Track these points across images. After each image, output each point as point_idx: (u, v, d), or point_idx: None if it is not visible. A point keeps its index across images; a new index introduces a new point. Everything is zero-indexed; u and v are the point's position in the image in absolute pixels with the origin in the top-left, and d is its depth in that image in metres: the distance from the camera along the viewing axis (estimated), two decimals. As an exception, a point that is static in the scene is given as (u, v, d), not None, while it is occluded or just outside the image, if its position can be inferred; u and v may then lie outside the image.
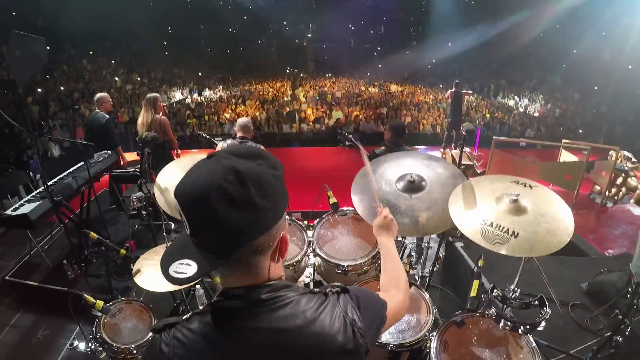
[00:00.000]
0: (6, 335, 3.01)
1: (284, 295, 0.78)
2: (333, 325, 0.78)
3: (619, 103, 13.58)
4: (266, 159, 0.75)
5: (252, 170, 0.70)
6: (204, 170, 0.71)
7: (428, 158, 2.24)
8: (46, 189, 2.77)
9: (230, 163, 0.70)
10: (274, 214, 0.74)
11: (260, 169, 0.72)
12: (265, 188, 0.71)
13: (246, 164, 0.71)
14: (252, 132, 3.67)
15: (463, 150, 2.91)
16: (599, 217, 5.19)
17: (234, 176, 0.68)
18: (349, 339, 0.78)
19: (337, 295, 0.85)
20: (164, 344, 0.77)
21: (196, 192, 0.68)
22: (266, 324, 0.75)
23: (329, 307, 0.81)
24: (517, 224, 1.68)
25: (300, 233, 2.56)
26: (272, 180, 0.73)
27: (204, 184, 0.68)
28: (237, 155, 0.72)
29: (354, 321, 0.81)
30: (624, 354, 2.19)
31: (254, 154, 0.75)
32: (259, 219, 0.71)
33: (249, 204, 0.69)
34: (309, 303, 0.80)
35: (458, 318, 1.88)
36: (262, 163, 0.73)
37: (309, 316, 0.77)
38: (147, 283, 2.15)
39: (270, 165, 0.75)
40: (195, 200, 0.68)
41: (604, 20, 14.40)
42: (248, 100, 13.91)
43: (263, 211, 0.71)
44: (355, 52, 22.53)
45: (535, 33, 17.12)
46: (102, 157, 3.88)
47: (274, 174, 0.74)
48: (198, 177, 0.70)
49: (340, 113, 12.52)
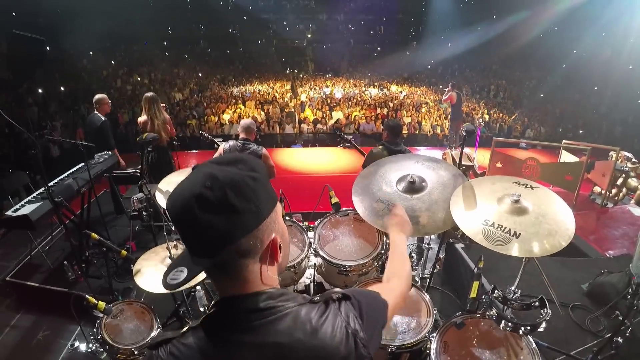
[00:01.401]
0: (7, 336, 3.02)
1: (282, 306, 0.77)
2: (335, 336, 0.77)
3: (619, 103, 13.59)
4: (245, 162, 0.77)
5: (229, 175, 0.72)
6: (187, 181, 0.74)
7: (428, 160, 2.25)
8: (47, 190, 2.77)
9: (208, 170, 0.72)
10: (255, 216, 0.74)
11: (239, 173, 0.73)
12: (243, 191, 0.72)
13: (224, 169, 0.73)
14: (255, 134, 3.65)
15: (463, 150, 2.92)
16: (600, 217, 5.19)
17: (211, 182, 0.70)
18: (351, 350, 0.77)
19: (339, 303, 0.83)
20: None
21: (180, 202, 0.72)
22: (264, 338, 0.74)
23: (330, 317, 0.79)
24: (518, 225, 1.68)
25: (301, 235, 2.56)
26: (251, 183, 0.73)
27: (186, 194, 0.71)
28: (217, 163, 0.75)
29: (356, 332, 0.79)
30: (625, 355, 2.19)
31: (234, 159, 0.77)
32: (239, 221, 0.72)
33: (228, 208, 0.70)
34: (309, 314, 0.78)
35: (458, 319, 1.89)
36: (241, 167, 0.75)
37: (309, 329, 0.75)
38: (148, 284, 2.15)
39: (249, 168, 0.76)
40: (180, 210, 0.71)
41: (603, 21, 14.40)
42: (248, 100, 13.91)
43: (243, 213, 0.72)
44: (355, 52, 22.54)
45: (535, 33, 17.14)
46: (103, 158, 3.88)
47: (253, 176, 0.74)
48: (182, 188, 0.73)
49: (340, 114, 12.52)
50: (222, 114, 12.41)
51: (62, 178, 3.39)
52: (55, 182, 3.29)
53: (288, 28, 23.25)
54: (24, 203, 2.98)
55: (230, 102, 13.54)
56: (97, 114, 4.41)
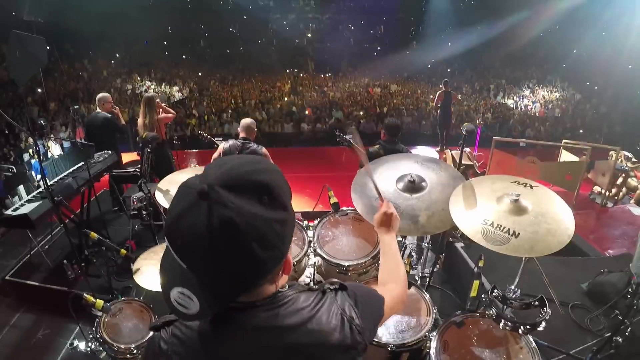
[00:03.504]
0: (6, 334, 3.02)
1: (282, 294, 0.78)
2: (330, 322, 0.78)
3: (619, 103, 13.57)
4: (270, 192, 0.66)
5: (253, 224, 0.62)
6: (198, 221, 0.61)
7: (428, 159, 2.25)
8: (46, 189, 2.77)
9: (226, 215, 0.60)
10: (279, 255, 0.70)
11: (264, 218, 0.64)
12: (270, 242, 0.66)
13: (244, 211, 0.62)
14: (255, 133, 3.64)
15: (463, 150, 2.92)
16: (599, 217, 5.19)
17: (232, 233, 0.61)
18: (347, 335, 0.78)
19: (335, 293, 0.85)
20: (163, 341, 0.78)
21: (195, 245, 0.62)
22: (264, 322, 0.75)
23: (327, 305, 0.81)
24: (517, 224, 1.68)
25: (301, 233, 2.55)
26: (279, 229, 0.66)
27: (201, 238, 0.61)
28: (234, 192, 0.62)
29: (352, 318, 0.81)
30: (624, 354, 2.19)
31: (254, 185, 0.65)
32: (261, 269, 0.68)
33: (250, 261, 0.65)
34: (306, 300, 0.80)
35: (458, 318, 1.88)
36: (265, 203, 0.65)
37: (306, 314, 0.77)
38: (147, 283, 2.15)
39: (272, 203, 0.66)
40: (190, 250, 0.64)
41: (603, 21, 14.40)
42: (248, 100, 13.90)
43: (266, 262, 0.68)
44: (355, 52, 22.50)
45: (535, 33, 17.11)
46: (102, 157, 3.88)
47: (281, 220, 0.67)
48: (191, 228, 0.62)
49: (340, 113, 12.52)
50: (222, 113, 12.41)
51: (61, 177, 3.38)
52: (55, 181, 3.29)
53: (288, 28, 23.22)
54: (23, 202, 2.98)
55: (230, 102, 13.53)
56: (101, 111, 4.50)
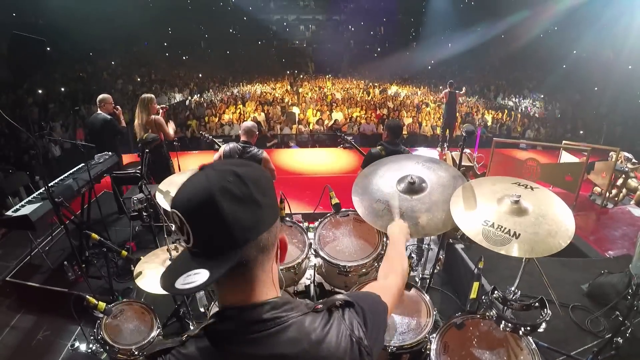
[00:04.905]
0: (7, 336, 3.02)
1: (285, 316, 0.75)
2: (340, 345, 0.76)
3: (619, 104, 13.57)
4: (254, 164, 0.81)
5: (249, 172, 0.74)
6: (202, 177, 0.72)
7: (429, 160, 2.25)
8: (47, 190, 2.78)
9: (228, 167, 0.74)
10: (273, 211, 0.78)
11: (256, 170, 0.77)
12: (263, 187, 0.75)
13: (241, 168, 0.75)
14: (257, 136, 3.62)
15: (463, 151, 2.92)
16: (600, 218, 5.19)
17: (234, 177, 0.71)
18: (355, 358, 0.78)
19: (342, 311, 0.82)
20: None
21: (200, 196, 0.69)
22: (268, 350, 0.72)
23: (335, 326, 0.78)
24: (518, 225, 1.68)
25: (301, 235, 2.55)
26: (268, 179, 0.78)
27: (206, 187, 0.69)
28: (231, 163, 0.77)
29: (361, 339, 0.79)
30: (625, 355, 2.19)
31: (245, 162, 0.80)
32: (262, 215, 0.73)
33: (252, 201, 0.72)
34: (313, 323, 0.77)
35: (458, 320, 1.89)
36: (255, 167, 0.79)
37: (314, 338, 0.74)
38: (149, 285, 2.15)
39: (260, 168, 0.81)
40: (200, 204, 0.69)
41: (603, 21, 14.38)
42: (248, 101, 13.91)
43: (265, 208, 0.74)
44: (355, 52, 22.53)
45: (534, 34, 17.13)
46: (103, 158, 3.88)
47: (266, 175, 0.80)
48: (197, 183, 0.71)
49: (340, 114, 12.52)
50: (222, 114, 12.42)
51: (62, 178, 3.39)
52: (56, 182, 3.29)
53: (288, 29, 23.27)
54: (24, 203, 2.98)
55: (230, 103, 13.54)
56: (102, 112, 4.48)
